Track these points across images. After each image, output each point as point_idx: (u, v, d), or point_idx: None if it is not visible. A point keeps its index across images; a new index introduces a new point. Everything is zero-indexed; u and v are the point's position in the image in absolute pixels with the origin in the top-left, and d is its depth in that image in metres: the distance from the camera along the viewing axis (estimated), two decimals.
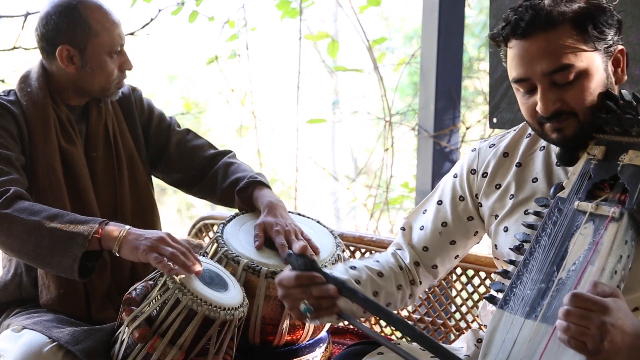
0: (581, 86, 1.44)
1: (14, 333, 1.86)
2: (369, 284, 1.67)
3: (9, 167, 1.90)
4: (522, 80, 1.48)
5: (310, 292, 1.47)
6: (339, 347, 2.20)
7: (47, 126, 1.99)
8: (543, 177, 1.59)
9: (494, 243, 1.68)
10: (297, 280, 1.49)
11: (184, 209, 6.98)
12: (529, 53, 1.45)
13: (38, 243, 1.80)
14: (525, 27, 1.44)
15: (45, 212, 1.82)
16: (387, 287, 1.70)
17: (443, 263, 1.77)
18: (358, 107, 4.80)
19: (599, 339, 1.19)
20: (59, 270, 1.82)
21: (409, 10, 5.92)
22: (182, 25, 4.03)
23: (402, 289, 1.74)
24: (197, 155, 2.23)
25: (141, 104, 2.23)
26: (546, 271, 1.38)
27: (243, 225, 2.05)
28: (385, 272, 1.72)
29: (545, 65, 1.43)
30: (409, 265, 1.76)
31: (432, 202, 1.78)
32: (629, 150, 1.41)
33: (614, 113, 1.43)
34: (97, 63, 2.01)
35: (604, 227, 1.35)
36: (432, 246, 1.75)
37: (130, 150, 2.14)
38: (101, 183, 2.07)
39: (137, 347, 1.73)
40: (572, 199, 1.43)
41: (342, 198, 5.61)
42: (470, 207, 1.72)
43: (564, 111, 1.45)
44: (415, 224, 1.79)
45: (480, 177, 1.69)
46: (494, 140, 1.72)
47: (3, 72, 3.94)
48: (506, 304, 1.39)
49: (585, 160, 1.46)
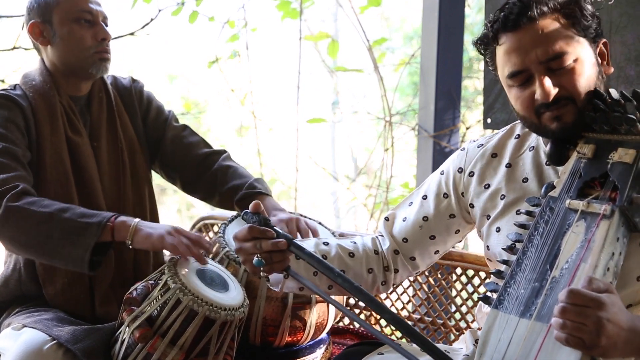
0: (576, 71, 1.47)
1: (14, 331, 1.86)
2: (336, 261, 1.73)
3: (15, 163, 1.91)
4: (517, 73, 1.49)
5: (261, 245, 1.55)
6: (339, 347, 2.20)
7: (54, 117, 2.01)
8: (533, 177, 1.60)
9: (485, 244, 1.68)
10: (250, 233, 1.57)
11: (184, 209, 6.98)
12: (523, 44, 1.47)
13: (49, 234, 1.81)
14: (516, 18, 1.47)
15: (55, 205, 1.85)
16: (355, 267, 1.75)
17: (422, 257, 1.80)
18: (358, 107, 4.80)
19: (596, 334, 1.20)
20: (67, 261, 1.83)
21: (409, 10, 5.92)
22: (182, 25, 4.03)
23: (372, 272, 1.77)
24: (191, 152, 2.24)
25: (141, 95, 2.24)
26: (539, 270, 1.38)
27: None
28: (357, 254, 1.76)
29: (540, 53, 1.46)
30: (385, 252, 1.80)
31: (418, 196, 1.81)
32: (618, 148, 1.42)
33: (602, 111, 1.44)
34: (66, 32, 2.02)
35: (596, 224, 1.36)
36: (412, 239, 1.78)
37: (131, 141, 2.16)
38: (104, 173, 2.09)
39: (137, 347, 1.73)
40: (564, 198, 1.44)
41: (342, 198, 5.61)
42: (453, 205, 1.73)
43: (562, 96, 1.47)
44: (399, 215, 1.83)
45: (466, 176, 1.71)
46: (482, 140, 1.74)
47: (3, 72, 3.93)
48: (500, 303, 1.39)
49: (576, 159, 1.47)
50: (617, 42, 2.16)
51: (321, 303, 1.95)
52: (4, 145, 1.92)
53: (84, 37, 2.02)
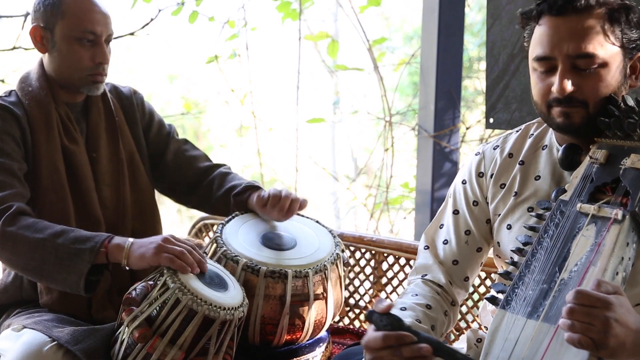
0: (599, 76, 1.46)
1: (14, 332, 1.86)
2: (427, 320, 1.63)
3: (11, 179, 1.90)
4: (544, 59, 1.49)
5: (401, 353, 1.33)
6: (338, 346, 2.20)
7: (50, 124, 1.99)
8: (547, 174, 1.61)
9: (496, 240, 1.68)
10: (385, 342, 1.34)
11: (184, 209, 6.97)
12: (559, 31, 1.47)
13: (43, 260, 1.81)
14: (562, 4, 1.46)
15: (49, 229, 1.83)
16: (439, 318, 1.67)
17: (472, 273, 1.76)
18: (358, 107, 4.80)
19: (604, 334, 1.20)
20: (64, 286, 1.84)
21: (409, 10, 5.92)
22: (182, 25, 4.03)
23: (448, 314, 1.71)
24: (192, 166, 2.24)
25: (143, 107, 2.22)
26: (548, 272, 1.38)
27: (242, 225, 2.05)
28: (431, 304, 1.67)
29: (572, 47, 1.45)
30: (445, 287, 1.71)
31: (448, 214, 1.77)
32: (631, 154, 1.43)
33: (616, 117, 1.44)
34: (65, 47, 1.99)
35: (606, 228, 1.36)
36: (461, 257, 1.73)
37: (131, 151, 2.14)
38: (103, 184, 2.07)
39: (137, 347, 1.73)
40: (575, 202, 1.44)
41: (342, 198, 5.60)
42: (485, 210, 1.72)
43: (577, 98, 1.47)
44: (437, 240, 1.76)
45: (489, 179, 1.70)
46: (497, 142, 1.73)
47: (3, 72, 3.93)
48: (508, 304, 1.40)
49: (588, 163, 1.48)
50: None
51: (319, 300, 1.95)
52: None
53: (82, 57, 1.99)
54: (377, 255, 2.39)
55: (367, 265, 2.41)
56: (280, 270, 1.89)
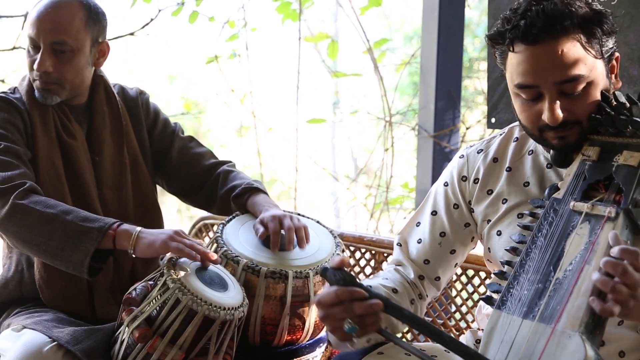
0: (588, 94, 1.44)
1: (14, 332, 1.86)
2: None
3: (19, 162, 1.92)
4: (527, 87, 1.46)
5: (353, 309, 1.34)
6: None
7: (46, 120, 2.01)
8: (534, 181, 1.60)
9: (486, 246, 1.68)
10: (338, 297, 1.35)
11: (184, 209, 6.97)
12: (540, 60, 1.42)
13: (50, 235, 1.81)
14: (537, 33, 1.41)
15: (60, 206, 1.85)
16: (404, 303, 1.67)
17: (445, 274, 1.75)
18: (358, 107, 4.80)
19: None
20: (67, 264, 1.83)
21: (409, 10, 5.92)
22: (182, 25, 4.03)
23: (414, 303, 1.71)
24: (198, 163, 2.23)
25: (147, 107, 2.22)
26: (543, 271, 1.38)
27: (243, 225, 2.05)
28: (398, 289, 1.67)
29: (557, 75, 1.42)
30: (414, 280, 1.73)
31: (426, 214, 1.76)
32: (623, 151, 1.42)
33: (607, 114, 1.44)
34: (26, 51, 2.01)
35: (600, 227, 1.36)
36: (433, 258, 1.72)
37: (134, 154, 2.14)
38: (105, 186, 2.07)
39: (137, 347, 1.73)
40: (568, 200, 1.43)
41: (342, 198, 5.60)
42: (465, 214, 1.71)
43: (570, 121, 1.45)
44: (411, 238, 1.77)
45: (472, 184, 1.69)
46: (481, 145, 1.72)
47: (3, 72, 3.94)
48: (503, 304, 1.39)
49: (580, 161, 1.47)
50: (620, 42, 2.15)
51: None
52: (5, 144, 1.92)
53: (29, 63, 2.00)
54: (377, 255, 2.39)
55: (367, 265, 2.41)
56: (280, 270, 1.89)
